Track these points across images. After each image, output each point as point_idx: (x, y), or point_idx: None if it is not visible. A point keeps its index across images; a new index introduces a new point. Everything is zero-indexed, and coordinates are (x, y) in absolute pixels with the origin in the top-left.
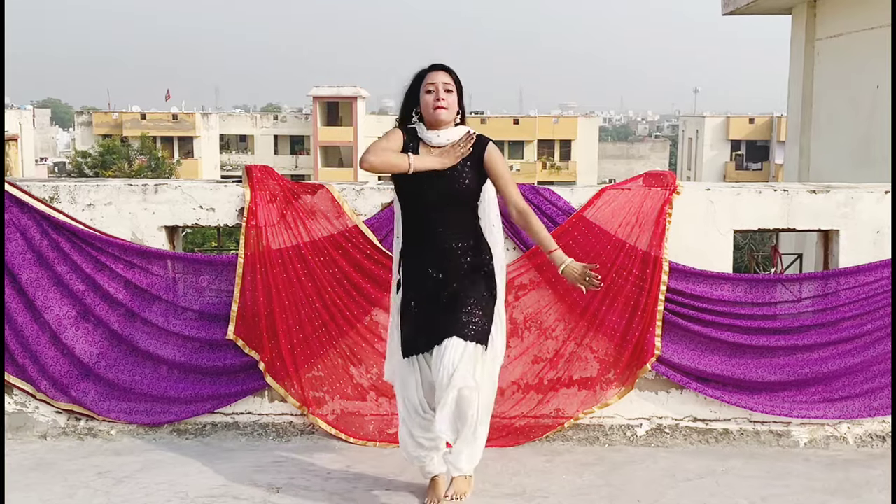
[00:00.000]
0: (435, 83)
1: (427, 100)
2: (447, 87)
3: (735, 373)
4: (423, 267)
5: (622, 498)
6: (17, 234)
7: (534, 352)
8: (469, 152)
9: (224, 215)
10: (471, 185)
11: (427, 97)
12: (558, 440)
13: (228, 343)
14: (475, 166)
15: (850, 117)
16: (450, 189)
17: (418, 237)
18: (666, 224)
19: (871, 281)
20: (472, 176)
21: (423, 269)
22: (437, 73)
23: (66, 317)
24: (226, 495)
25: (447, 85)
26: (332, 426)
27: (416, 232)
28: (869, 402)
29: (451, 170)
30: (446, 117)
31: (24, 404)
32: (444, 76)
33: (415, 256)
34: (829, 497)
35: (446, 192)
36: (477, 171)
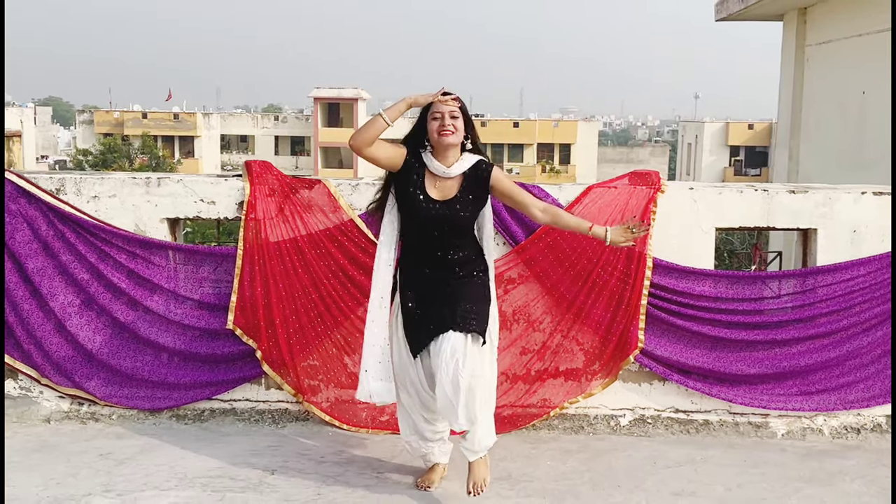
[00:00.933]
0: (442, 111)
1: (433, 126)
2: (453, 114)
3: (716, 366)
4: (422, 276)
5: (604, 483)
6: (24, 224)
7: (521, 343)
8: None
9: (224, 208)
10: (470, 215)
11: (433, 123)
12: (544, 429)
13: (227, 332)
14: (479, 195)
15: (838, 122)
16: (450, 219)
17: (417, 253)
18: (650, 221)
19: (847, 279)
20: (472, 206)
21: (421, 277)
22: (443, 102)
23: (71, 305)
24: (223, 476)
25: (453, 112)
26: (326, 413)
27: (416, 249)
28: (844, 395)
29: (453, 201)
30: (453, 141)
31: (28, 389)
32: (451, 106)
33: (414, 264)
34: (803, 485)
35: (446, 222)
36: (479, 199)
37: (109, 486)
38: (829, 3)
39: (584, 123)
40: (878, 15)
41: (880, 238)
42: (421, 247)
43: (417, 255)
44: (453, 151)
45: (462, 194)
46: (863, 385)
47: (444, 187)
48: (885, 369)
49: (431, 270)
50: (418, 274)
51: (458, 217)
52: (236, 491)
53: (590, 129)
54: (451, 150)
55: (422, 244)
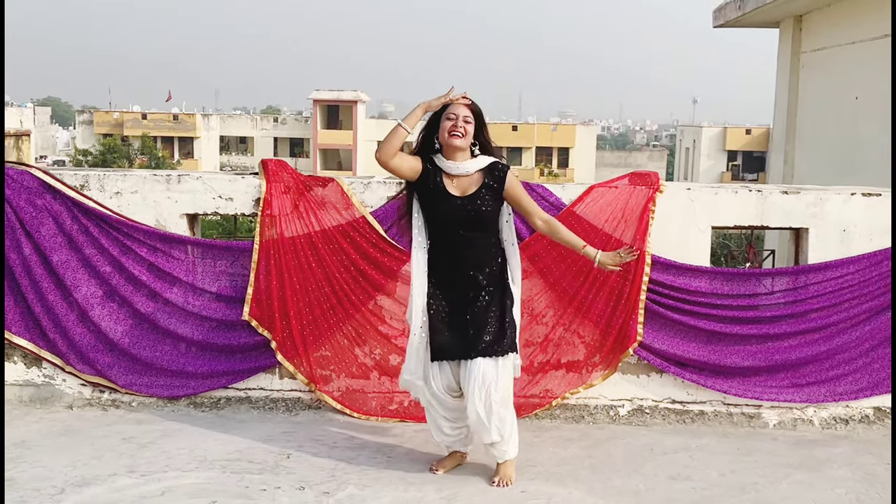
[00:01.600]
0: (456, 114)
1: (445, 125)
2: (466, 119)
3: (711, 359)
4: (451, 280)
5: (603, 469)
6: (50, 218)
7: (525, 336)
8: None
9: (241, 205)
10: (492, 210)
11: (446, 123)
12: (546, 418)
13: (243, 323)
14: (496, 192)
15: (832, 127)
16: (471, 214)
17: (444, 252)
18: (649, 220)
19: (837, 276)
20: (492, 202)
21: (450, 281)
22: (460, 106)
23: (94, 296)
24: (241, 460)
25: (467, 117)
26: (337, 402)
27: (442, 248)
28: (834, 387)
29: (473, 196)
30: (461, 144)
31: (51, 377)
32: (465, 109)
33: (441, 268)
34: (792, 471)
35: (468, 216)
36: (497, 196)
37: (133, 467)
38: (823, 11)
39: (583, 127)
40: (871, 23)
41: (868, 237)
42: (447, 249)
43: (443, 259)
44: (462, 154)
45: (481, 190)
46: (851, 378)
47: (462, 184)
48: (873, 363)
49: (458, 274)
50: (445, 279)
51: (481, 212)
52: (254, 473)
53: (588, 132)
54: (460, 153)
55: (447, 246)
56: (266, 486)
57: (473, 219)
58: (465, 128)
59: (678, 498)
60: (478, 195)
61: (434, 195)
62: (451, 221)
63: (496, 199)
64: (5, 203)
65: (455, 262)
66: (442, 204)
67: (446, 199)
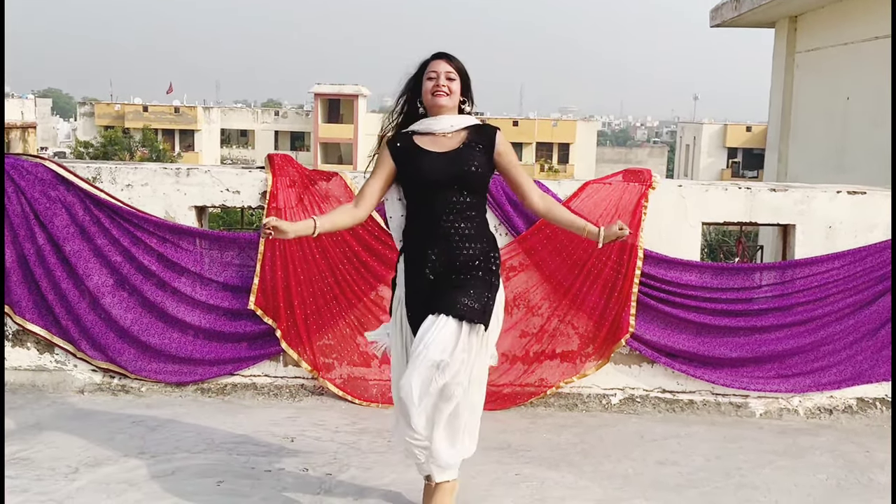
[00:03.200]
0: (437, 71)
1: (427, 86)
2: (449, 76)
3: (700, 350)
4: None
5: (594, 454)
6: (63, 209)
7: (521, 327)
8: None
9: (248, 197)
10: (481, 171)
11: (427, 83)
12: (541, 406)
13: (249, 312)
14: (485, 152)
15: (824, 126)
16: (458, 172)
17: (422, 228)
18: (642, 215)
19: (823, 271)
20: (482, 161)
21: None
22: (439, 61)
23: (105, 285)
24: (247, 442)
25: (449, 73)
26: (339, 389)
27: (420, 223)
28: (818, 378)
29: (459, 152)
30: (446, 103)
31: (63, 363)
32: (446, 65)
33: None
34: (776, 458)
35: (454, 175)
36: (487, 157)
37: (143, 449)
38: (817, 12)
39: (583, 123)
40: (863, 25)
41: (853, 234)
42: (426, 219)
43: (421, 231)
44: (447, 113)
45: (467, 145)
46: (835, 369)
47: (445, 142)
48: (857, 355)
49: (440, 251)
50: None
51: (467, 170)
52: (259, 455)
53: (589, 128)
54: (445, 114)
55: (427, 214)
56: (271, 468)
57: (458, 178)
58: (448, 85)
59: (665, 481)
60: (463, 150)
61: (410, 161)
62: (433, 181)
63: (486, 161)
64: (20, 194)
65: (432, 236)
66: (419, 164)
67: (424, 157)
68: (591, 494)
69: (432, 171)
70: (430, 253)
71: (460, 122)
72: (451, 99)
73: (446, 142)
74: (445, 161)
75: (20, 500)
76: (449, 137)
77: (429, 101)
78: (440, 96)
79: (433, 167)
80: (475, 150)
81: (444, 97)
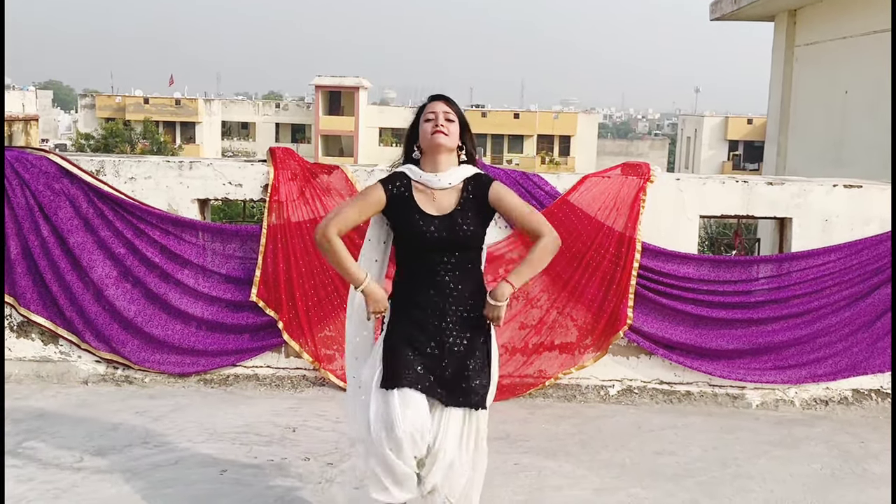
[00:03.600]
0: (436, 111)
1: (426, 128)
2: (448, 116)
3: (698, 342)
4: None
5: (592, 444)
6: (67, 202)
7: (520, 319)
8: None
9: (250, 190)
10: (474, 231)
11: (426, 125)
12: (539, 397)
13: (251, 304)
14: (478, 209)
15: (823, 120)
16: (452, 237)
17: (416, 277)
18: (640, 209)
19: (819, 264)
20: (476, 221)
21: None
22: (436, 102)
23: (108, 276)
24: (249, 432)
25: (448, 114)
26: (341, 379)
27: (415, 271)
28: (814, 370)
29: (454, 216)
30: (445, 142)
31: (67, 354)
32: (445, 105)
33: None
34: (771, 448)
35: (449, 240)
36: (480, 214)
37: (147, 438)
38: (816, 6)
39: (585, 116)
40: (861, 19)
41: (849, 227)
42: (422, 278)
43: (414, 284)
44: (446, 158)
45: (462, 207)
46: (831, 361)
47: (440, 201)
48: (852, 346)
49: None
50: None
51: (461, 232)
52: (262, 445)
53: (590, 121)
54: (444, 156)
55: (420, 270)
56: (273, 457)
57: (452, 242)
58: (447, 126)
59: (661, 471)
60: (458, 213)
61: (405, 216)
62: (427, 245)
63: (480, 218)
64: (25, 187)
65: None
66: (415, 225)
67: (420, 219)
68: (589, 483)
69: (427, 235)
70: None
71: (458, 176)
72: (451, 140)
73: (442, 200)
74: (440, 225)
75: (26, 489)
76: (444, 194)
77: (427, 143)
78: (439, 134)
79: (428, 231)
80: (469, 210)
81: (443, 136)
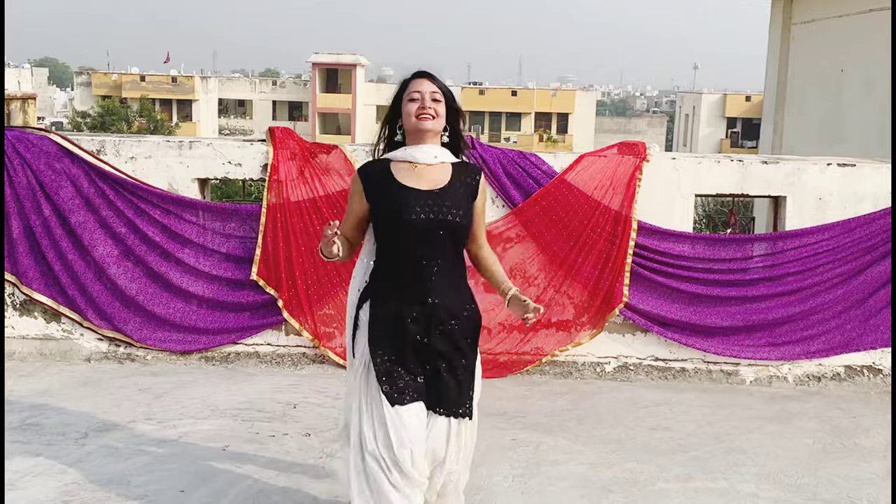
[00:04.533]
0: (421, 91)
1: (409, 108)
2: (434, 96)
3: (692, 319)
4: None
5: (588, 419)
6: (68, 181)
7: None
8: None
9: (250, 170)
10: (466, 222)
11: (410, 105)
12: (536, 374)
13: (251, 283)
14: (470, 197)
15: (819, 98)
16: (444, 220)
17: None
18: (636, 188)
19: (813, 242)
20: (467, 209)
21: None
22: (422, 80)
23: (110, 255)
24: (251, 409)
25: (434, 94)
26: (340, 357)
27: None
28: (807, 346)
29: (446, 192)
30: (432, 127)
31: (70, 332)
32: (431, 84)
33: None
34: (764, 423)
35: (440, 222)
36: (470, 202)
37: (150, 415)
38: None
39: (583, 93)
40: None
41: (843, 206)
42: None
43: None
44: (431, 142)
45: (452, 186)
46: (824, 338)
47: (428, 175)
48: (845, 323)
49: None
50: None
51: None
52: (263, 421)
53: (588, 98)
54: (429, 141)
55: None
56: (275, 433)
57: (443, 225)
58: (434, 108)
59: (656, 446)
60: (449, 190)
61: (385, 195)
62: (412, 226)
63: (468, 211)
64: (26, 166)
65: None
66: (397, 200)
67: (403, 193)
68: (585, 458)
69: (413, 212)
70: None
71: (446, 155)
72: (437, 123)
73: (429, 175)
74: (430, 201)
75: (32, 464)
76: (432, 170)
77: (411, 126)
78: (425, 119)
79: (414, 207)
80: (461, 193)
81: (429, 120)
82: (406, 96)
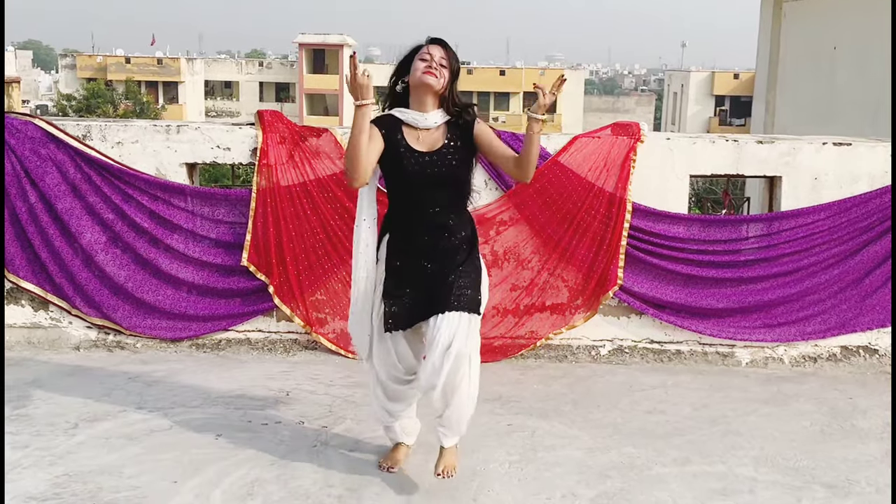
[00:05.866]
0: (432, 53)
1: (418, 64)
2: (442, 62)
3: (688, 301)
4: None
5: (583, 403)
6: (54, 168)
7: (512, 280)
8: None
9: (238, 154)
10: (461, 165)
11: (419, 63)
12: (531, 357)
13: (241, 268)
14: (465, 144)
15: (811, 76)
16: (441, 173)
17: (409, 220)
18: (630, 169)
19: (808, 222)
20: (461, 156)
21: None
22: (436, 46)
23: (98, 242)
24: (243, 396)
25: (443, 59)
26: (332, 343)
27: (407, 214)
28: (803, 327)
29: (441, 153)
30: (434, 84)
31: (58, 320)
32: (442, 51)
33: (404, 235)
34: (760, 405)
35: (439, 176)
36: (467, 149)
37: (141, 404)
38: None
39: (571, 72)
40: None
41: (839, 185)
42: (412, 211)
43: (408, 222)
44: (431, 99)
45: (449, 143)
46: (820, 318)
47: (428, 139)
48: (841, 304)
49: (426, 239)
50: (409, 244)
51: (451, 168)
52: (256, 409)
53: (576, 77)
54: (430, 97)
55: (413, 207)
56: (267, 421)
57: (442, 177)
58: (440, 69)
59: (652, 429)
60: (446, 149)
61: (397, 154)
62: (417, 180)
63: (466, 152)
64: (11, 152)
65: (420, 226)
66: (407, 162)
67: (410, 156)
68: (581, 443)
69: (417, 172)
70: (421, 245)
71: (441, 116)
72: (439, 83)
73: (429, 138)
74: (429, 162)
75: (21, 455)
76: (431, 133)
77: (416, 80)
78: (430, 75)
79: (418, 168)
80: (456, 146)
81: (433, 78)
82: (418, 56)
